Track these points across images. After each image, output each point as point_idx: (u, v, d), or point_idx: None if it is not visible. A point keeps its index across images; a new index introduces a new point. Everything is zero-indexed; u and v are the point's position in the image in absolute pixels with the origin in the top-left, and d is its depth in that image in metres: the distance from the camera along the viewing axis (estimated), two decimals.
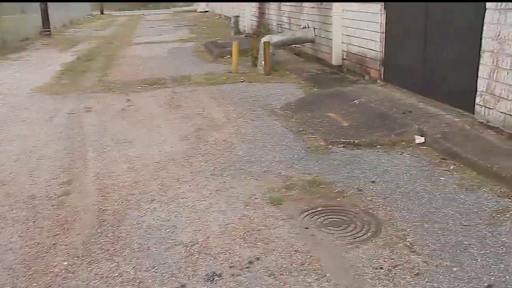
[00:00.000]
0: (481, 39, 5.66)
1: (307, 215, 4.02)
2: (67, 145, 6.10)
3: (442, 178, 4.66)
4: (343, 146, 5.59)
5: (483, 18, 5.60)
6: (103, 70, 11.40)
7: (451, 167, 4.90)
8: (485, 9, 5.55)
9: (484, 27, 5.60)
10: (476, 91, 5.81)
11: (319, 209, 4.12)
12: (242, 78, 9.62)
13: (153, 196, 4.48)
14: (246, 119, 6.83)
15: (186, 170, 5.08)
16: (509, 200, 4.12)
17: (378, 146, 5.55)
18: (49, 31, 20.52)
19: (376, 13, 8.13)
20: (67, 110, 7.80)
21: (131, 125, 6.85)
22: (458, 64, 6.30)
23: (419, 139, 5.61)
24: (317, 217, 3.98)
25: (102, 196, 4.54)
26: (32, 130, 6.74)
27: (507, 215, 3.87)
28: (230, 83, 9.30)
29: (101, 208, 4.28)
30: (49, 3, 20.92)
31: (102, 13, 40.98)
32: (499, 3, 5.34)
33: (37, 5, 20.34)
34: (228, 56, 11.75)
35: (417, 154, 5.31)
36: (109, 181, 4.88)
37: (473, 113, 5.90)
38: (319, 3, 10.23)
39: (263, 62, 9.96)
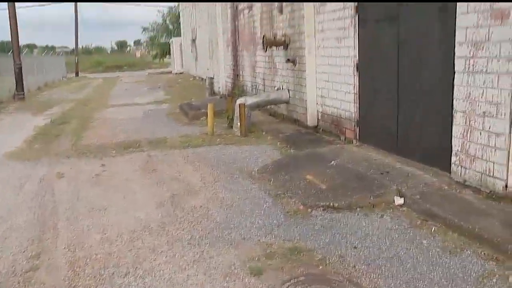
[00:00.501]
0: (452, 99, 5.79)
1: (289, 285, 3.85)
2: (37, 214, 5.84)
3: (425, 241, 4.57)
4: (323, 210, 5.49)
5: (453, 80, 5.74)
6: (77, 134, 11.24)
7: (433, 228, 4.84)
8: (454, 71, 5.71)
9: (455, 89, 5.74)
10: (451, 150, 5.87)
11: (301, 278, 3.96)
12: (218, 140, 9.59)
13: (127, 269, 4.25)
14: (223, 183, 6.71)
15: (162, 240, 4.88)
16: (494, 263, 4.04)
17: (358, 209, 5.47)
18: (23, 94, 20.40)
19: (349, 75, 8.31)
20: (39, 176, 7.56)
21: (105, 191, 6.65)
22: (432, 124, 6.40)
23: (399, 200, 5.56)
24: (299, 287, 3.81)
25: (73, 270, 4.28)
26: (1, 199, 6.47)
27: (494, 280, 3.78)
28: (206, 145, 9.24)
29: (71, 285, 4.02)
30: (23, 67, 20.91)
31: (77, 75, 41.23)
32: (466, 67, 5.50)
33: (12, 67, 20.32)
34: (204, 118, 11.78)
35: (398, 216, 5.24)
36: (81, 253, 4.63)
37: (450, 173, 5.93)
38: (292, 65, 10.44)
39: (238, 124, 9.99)
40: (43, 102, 19.24)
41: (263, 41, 11.20)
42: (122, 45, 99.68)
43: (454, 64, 5.70)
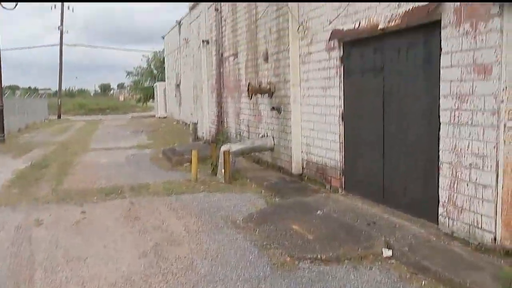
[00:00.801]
0: (438, 151, 5.83)
1: None
2: (12, 264, 5.57)
3: None
4: (310, 262, 5.36)
5: (439, 131, 5.80)
6: (57, 178, 10.98)
7: (423, 282, 4.74)
8: (439, 123, 5.78)
9: (441, 140, 5.79)
10: (438, 202, 5.85)
11: None
12: (202, 187, 9.45)
13: None
14: (207, 233, 6.54)
15: None
16: None
17: (346, 261, 5.34)
18: (3, 136, 20.07)
19: (334, 124, 8.36)
20: (16, 223, 7.29)
21: (85, 240, 6.41)
22: (418, 174, 6.40)
23: (387, 252, 5.47)
24: None
25: None
26: None
27: None
28: (189, 192, 9.08)
29: None
30: (4, 108, 20.69)
31: (59, 117, 40.94)
32: (452, 118, 5.57)
33: None
34: (187, 164, 11.67)
35: (386, 269, 5.13)
36: None
37: (437, 224, 5.89)
38: (277, 112, 10.50)
39: (223, 170, 9.89)
40: (23, 145, 18.92)
41: (248, 89, 11.28)
42: (105, 88, 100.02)
43: (439, 115, 5.78)
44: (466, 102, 5.34)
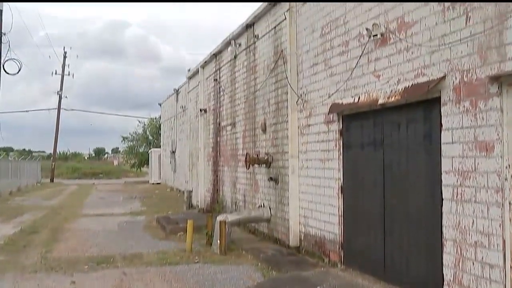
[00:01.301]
0: (442, 227, 5.73)
1: None
2: None
3: None
4: None
5: (441, 207, 5.73)
6: (47, 245, 10.66)
7: None
8: (442, 199, 5.72)
9: (444, 216, 5.70)
10: (443, 280, 5.67)
11: None
12: (196, 258, 9.17)
13: None
14: None
15: None
16: None
17: None
18: None
19: (333, 197, 8.29)
20: None
21: None
22: (421, 251, 6.25)
23: None
24: None
25: None
26: None
27: None
28: (184, 263, 8.80)
29: None
30: None
31: (52, 180, 40.64)
32: (454, 195, 5.53)
33: None
34: (181, 233, 11.43)
35: None
36: None
37: None
38: (275, 183, 10.45)
39: (218, 241, 9.66)
40: (14, 209, 18.56)
41: (245, 159, 11.29)
42: (99, 152, 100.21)
43: (441, 191, 5.74)
44: (469, 178, 5.32)
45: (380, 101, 6.84)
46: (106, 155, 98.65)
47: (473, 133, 5.30)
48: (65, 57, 45.45)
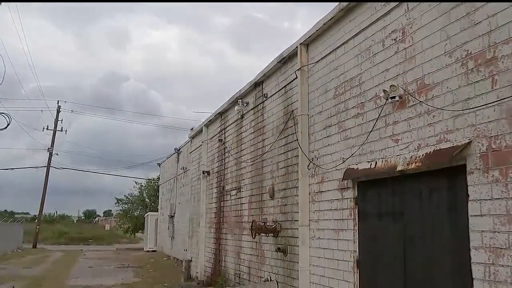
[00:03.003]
0: None
1: None
2: None
3: None
4: None
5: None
6: None
7: None
8: (473, 278, 5.55)
9: None
10: None
11: None
12: None
13: None
14: None
15: None
16: None
17: None
18: None
19: (348, 271, 8.08)
20: None
21: None
22: None
23: None
24: None
25: None
26: None
27: None
28: None
29: None
30: None
31: (35, 246, 40.05)
32: (486, 275, 5.36)
33: None
34: None
35: None
36: None
37: None
38: (283, 254, 10.24)
39: None
40: None
41: (251, 227, 11.15)
42: (90, 214, 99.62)
43: (471, 270, 5.57)
44: (503, 256, 5.18)
45: (399, 168, 6.80)
46: (97, 218, 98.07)
47: (505, 205, 5.20)
48: (58, 111, 46.06)
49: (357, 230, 8.04)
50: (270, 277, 10.91)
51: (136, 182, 46.47)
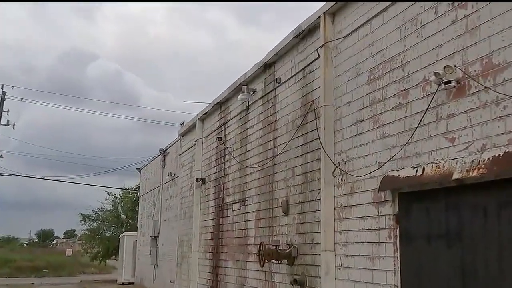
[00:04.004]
0: None
1: None
2: None
3: None
4: None
5: None
6: None
7: None
8: None
9: None
10: None
11: None
12: None
13: None
14: None
15: None
16: None
17: None
18: None
19: None
20: None
21: None
22: None
23: None
24: None
25: None
26: None
27: None
28: None
29: None
30: None
31: None
32: None
33: None
34: None
35: None
36: None
37: None
38: (300, 287, 10.18)
39: None
40: None
41: (259, 251, 11.09)
42: (46, 236, 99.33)
43: None
44: None
45: (456, 176, 6.74)
46: (55, 241, 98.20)
47: None
48: (3, 99, 45.32)
49: (398, 258, 7.96)
50: None
51: (108, 193, 46.23)
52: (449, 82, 6.96)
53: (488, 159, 6.30)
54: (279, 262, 11.07)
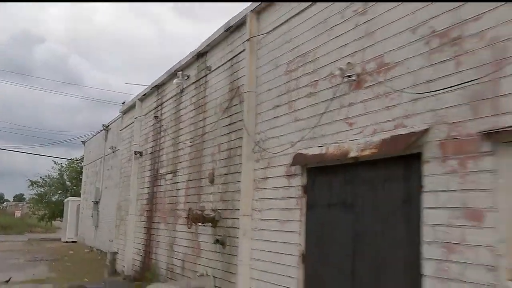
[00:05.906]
0: None
1: None
2: None
3: None
4: None
5: (421, 285, 5.77)
6: None
7: None
8: (421, 275, 5.77)
9: None
10: None
11: None
12: None
13: None
14: None
15: None
16: None
17: None
18: None
19: (292, 266, 8.22)
20: None
21: None
22: None
23: None
24: None
25: None
26: None
27: None
28: None
29: None
30: None
31: None
32: (437, 272, 5.58)
33: None
34: None
35: None
36: None
37: None
38: (222, 247, 10.31)
39: None
40: None
41: (187, 215, 11.13)
42: None
43: (421, 266, 5.79)
44: (455, 252, 5.40)
45: (352, 154, 6.96)
46: (5, 203, 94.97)
47: (461, 198, 5.42)
48: None
49: (304, 221, 8.18)
50: (206, 272, 10.97)
51: (55, 162, 45.08)
52: (350, 76, 7.20)
53: (378, 141, 6.55)
54: (204, 224, 11.12)
